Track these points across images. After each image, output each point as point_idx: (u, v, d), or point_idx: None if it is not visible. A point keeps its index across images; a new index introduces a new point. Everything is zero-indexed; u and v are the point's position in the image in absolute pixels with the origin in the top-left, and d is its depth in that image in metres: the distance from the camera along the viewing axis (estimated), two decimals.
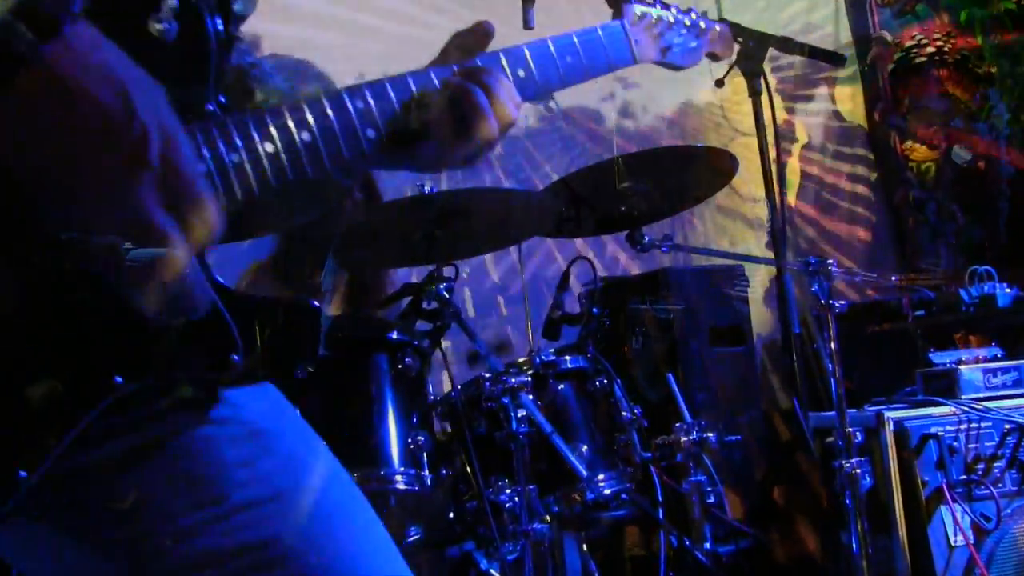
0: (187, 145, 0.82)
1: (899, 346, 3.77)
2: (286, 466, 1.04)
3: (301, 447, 1.09)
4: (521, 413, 2.23)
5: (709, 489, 2.58)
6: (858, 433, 2.39)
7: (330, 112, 1.03)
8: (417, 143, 1.11)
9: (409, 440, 2.23)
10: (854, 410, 2.58)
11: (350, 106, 1.05)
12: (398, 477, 2.21)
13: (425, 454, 2.24)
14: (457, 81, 1.12)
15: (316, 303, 1.01)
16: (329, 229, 2.60)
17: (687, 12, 1.45)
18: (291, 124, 1.00)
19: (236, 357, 0.94)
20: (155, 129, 0.77)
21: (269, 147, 0.98)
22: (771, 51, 2.27)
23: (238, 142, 0.96)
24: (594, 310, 2.68)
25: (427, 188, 2.30)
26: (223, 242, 1.00)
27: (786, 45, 2.31)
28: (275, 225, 2.54)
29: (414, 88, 1.11)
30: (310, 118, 1.02)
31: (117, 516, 0.97)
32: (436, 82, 1.13)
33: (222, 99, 1.00)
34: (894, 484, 2.56)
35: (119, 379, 0.88)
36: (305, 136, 1.01)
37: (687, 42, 1.45)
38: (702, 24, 1.48)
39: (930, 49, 5.14)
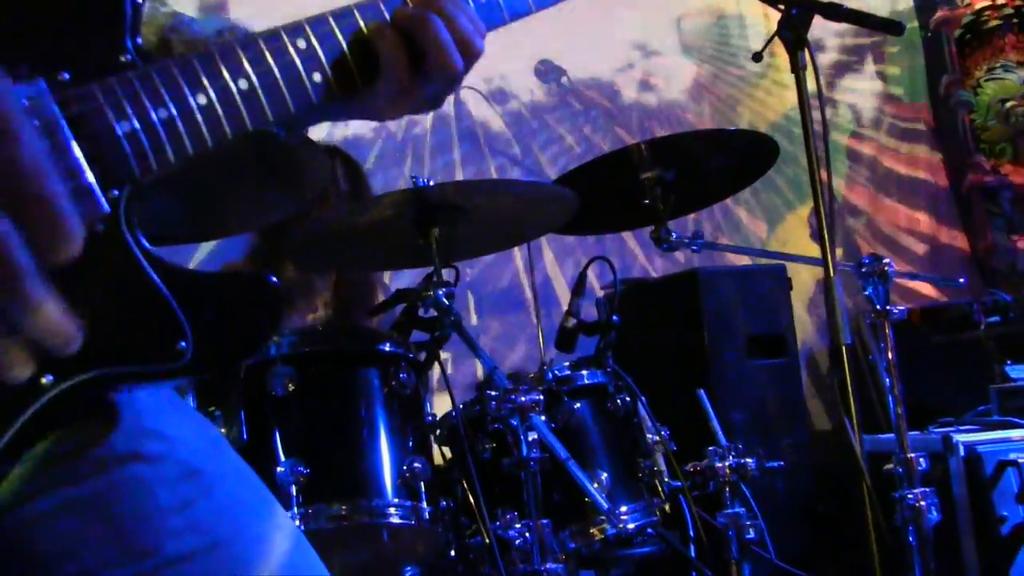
0: (30, 131, 0.80)
1: (969, 358, 3.80)
2: (225, 513, 1.06)
3: (243, 491, 1.10)
4: (532, 436, 2.25)
5: (748, 523, 2.60)
6: (922, 459, 2.40)
7: (268, 55, 1.03)
8: (370, 86, 1.10)
9: (404, 467, 2.26)
10: (917, 432, 2.59)
11: (291, 47, 1.05)
12: (392, 510, 2.24)
13: (423, 483, 2.26)
14: (412, 11, 1.11)
15: (273, 278, 1.02)
16: (308, 226, 2.64)
17: None
18: (225, 72, 1.00)
19: (183, 344, 0.95)
20: None
21: (202, 99, 0.98)
22: (817, 19, 2.31)
23: (165, 95, 0.96)
24: (614, 318, 2.71)
25: (422, 180, 2.33)
26: (189, 242, 1.03)
27: (835, 12, 2.34)
28: (245, 224, 2.58)
29: (362, 22, 1.10)
30: (246, 63, 1.01)
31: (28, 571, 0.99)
32: (386, 13, 1.12)
33: (139, 42, 1.00)
34: (966, 519, 2.57)
35: (49, 377, 0.89)
36: (242, 84, 1.01)
37: None
38: None
39: (1008, 10, 5.14)
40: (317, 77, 1.06)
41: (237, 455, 1.14)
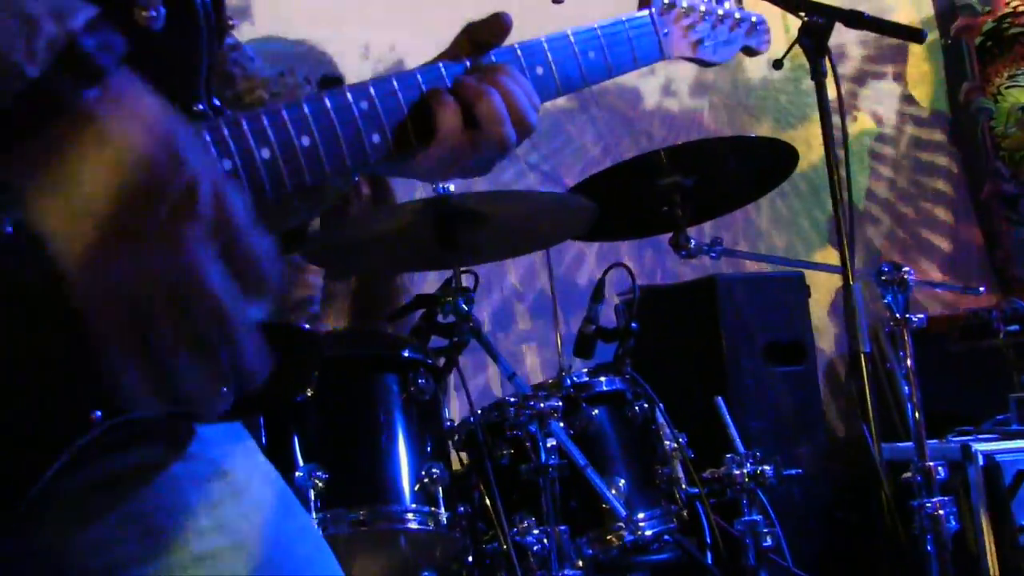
0: (238, 195, 0.83)
1: (989, 367, 3.78)
2: (251, 515, 1.07)
3: (269, 494, 1.11)
4: (551, 443, 2.26)
5: (766, 530, 2.59)
6: (940, 468, 2.39)
7: (332, 114, 1.05)
8: (424, 148, 1.12)
9: (423, 472, 2.27)
10: (935, 441, 2.59)
11: (354, 107, 1.07)
12: (410, 515, 2.25)
13: (440, 489, 2.27)
14: (471, 82, 1.13)
15: (311, 328, 1.02)
16: (330, 232, 2.65)
17: (720, 1, 1.48)
18: (290, 126, 1.02)
19: (224, 389, 0.97)
20: (205, 178, 0.78)
21: (266, 153, 1.00)
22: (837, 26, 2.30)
23: (232, 146, 0.98)
24: (633, 324, 2.72)
25: (443, 187, 2.34)
26: None
27: (856, 20, 2.34)
28: (266, 227, 2.59)
29: (424, 87, 1.12)
30: (310, 120, 1.03)
31: (55, 566, 1.00)
32: (447, 80, 1.14)
33: (214, 100, 1.02)
34: (984, 529, 2.56)
35: (98, 414, 0.89)
36: (305, 141, 1.03)
37: (720, 35, 1.47)
38: (737, 15, 1.49)
39: None
40: (376, 138, 1.08)
41: (265, 459, 1.15)
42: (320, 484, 2.17)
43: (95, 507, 0.99)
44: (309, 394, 2.25)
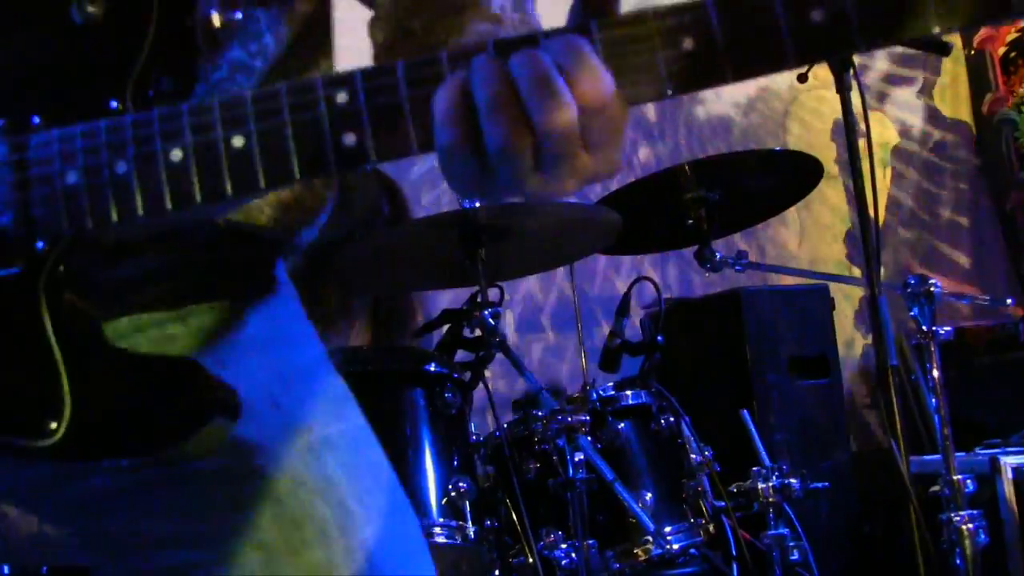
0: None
1: (1015, 379, 3.76)
2: (287, 522, 1.03)
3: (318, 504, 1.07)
4: (579, 457, 2.26)
5: (792, 544, 2.58)
6: (969, 481, 2.38)
7: (287, 108, 0.86)
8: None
9: (450, 487, 2.27)
10: (963, 454, 2.57)
11: (322, 101, 0.86)
12: (437, 529, 2.25)
13: (467, 503, 2.27)
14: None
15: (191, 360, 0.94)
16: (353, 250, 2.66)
17: None
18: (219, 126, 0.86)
19: (54, 423, 0.90)
20: None
21: (176, 155, 0.86)
22: None
23: (129, 150, 0.87)
24: (659, 338, 2.72)
25: (468, 202, 2.35)
26: None
27: None
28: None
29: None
30: (250, 116, 0.86)
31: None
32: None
33: (163, 85, 0.92)
34: (1014, 542, 2.54)
35: None
36: (237, 142, 0.86)
37: None
38: None
39: None
40: (350, 139, 0.86)
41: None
42: None
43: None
44: None
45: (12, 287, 0.90)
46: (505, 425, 2.50)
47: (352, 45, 1.22)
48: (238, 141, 0.86)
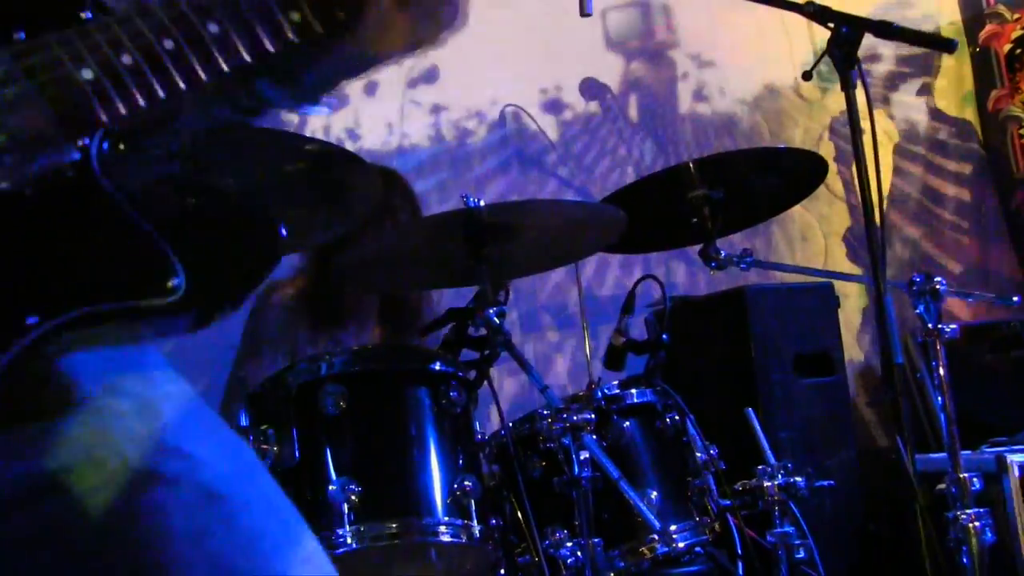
0: None
1: (1022, 377, 3.75)
2: (245, 545, 0.99)
3: (269, 522, 1.02)
4: (584, 455, 2.26)
5: (798, 543, 2.58)
6: (975, 479, 2.37)
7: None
8: (353, 22, 1.03)
9: (455, 485, 2.27)
10: (969, 452, 2.57)
11: None
12: (442, 528, 2.25)
13: (473, 501, 2.27)
14: None
15: (274, 218, 1.01)
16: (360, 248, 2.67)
17: None
18: (193, 17, 0.97)
19: (176, 281, 0.94)
20: None
21: (168, 44, 0.96)
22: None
23: (127, 42, 0.95)
24: (664, 336, 2.71)
25: (473, 200, 2.35)
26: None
27: (886, 30, 2.33)
28: (296, 242, 2.61)
29: None
30: (215, 7, 0.98)
31: None
32: None
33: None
34: (1021, 540, 2.54)
35: (33, 319, 0.88)
36: (212, 28, 0.97)
37: None
38: None
39: None
40: (294, 16, 1.00)
41: (270, 479, 1.07)
42: (353, 497, 2.17)
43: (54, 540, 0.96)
44: (342, 407, 2.27)
45: (78, 182, 0.95)
46: (510, 424, 2.50)
47: None
48: (213, 28, 0.97)
